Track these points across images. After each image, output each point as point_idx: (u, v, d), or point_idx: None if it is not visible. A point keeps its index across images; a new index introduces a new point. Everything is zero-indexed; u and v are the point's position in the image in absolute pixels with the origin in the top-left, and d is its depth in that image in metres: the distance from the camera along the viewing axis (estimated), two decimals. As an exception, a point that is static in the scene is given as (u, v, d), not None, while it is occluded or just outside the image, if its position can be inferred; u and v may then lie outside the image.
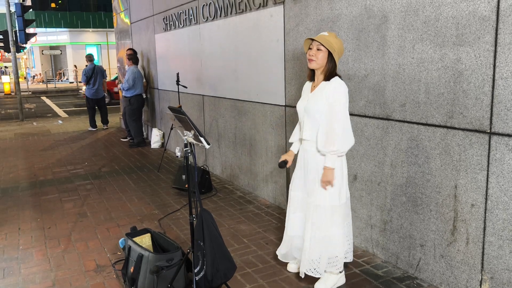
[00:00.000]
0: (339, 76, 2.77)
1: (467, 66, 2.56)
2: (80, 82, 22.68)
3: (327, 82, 2.75)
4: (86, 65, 10.06)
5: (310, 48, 2.78)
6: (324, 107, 2.71)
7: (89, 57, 10.07)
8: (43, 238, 3.96)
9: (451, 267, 2.81)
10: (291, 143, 3.10)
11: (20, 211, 4.75)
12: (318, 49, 2.72)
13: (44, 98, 21.33)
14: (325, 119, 2.72)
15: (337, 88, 2.70)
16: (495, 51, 2.41)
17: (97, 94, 10.01)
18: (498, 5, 2.37)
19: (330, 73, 2.75)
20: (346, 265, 3.15)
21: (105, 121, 10.52)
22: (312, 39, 2.77)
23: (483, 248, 2.61)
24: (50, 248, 3.74)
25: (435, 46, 2.74)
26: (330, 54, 2.72)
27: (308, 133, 2.81)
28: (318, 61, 2.73)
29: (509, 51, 2.35)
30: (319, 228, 2.82)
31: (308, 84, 2.96)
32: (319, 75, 2.81)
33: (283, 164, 2.99)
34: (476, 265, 2.66)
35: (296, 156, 3.06)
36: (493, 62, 2.43)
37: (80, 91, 10.40)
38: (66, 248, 3.74)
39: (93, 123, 10.38)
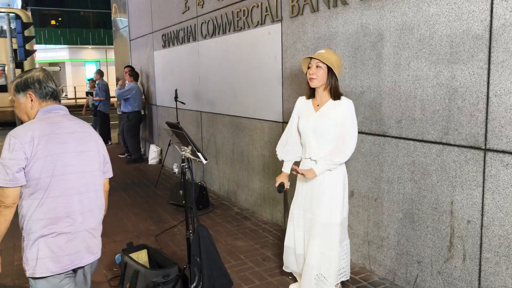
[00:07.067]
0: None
1: (462, 84, 2.60)
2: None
3: (337, 101, 2.72)
4: (95, 81, 10.05)
5: (309, 67, 2.75)
6: (334, 127, 2.68)
7: (101, 73, 10.07)
8: (39, 254, 3.93)
9: (449, 283, 2.80)
10: (282, 161, 3.01)
11: (14, 227, 4.70)
12: (317, 67, 2.68)
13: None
14: (334, 138, 2.70)
15: (349, 107, 2.70)
16: (489, 69, 2.46)
17: (108, 110, 10.07)
18: (491, 24, 2.42)
19: (336, 90, 2.72)
20: (343, 282, 3.13)
21: (108, 137, 10.52)
22: (311, 57, 2.74)
23: (479, 264, 2.61)
24: (46, 264, 3.70)
25: (430, 64, 2.78)
26: (330, 70, 2.69)
27: (315, 153, 2.75)
28: (319, 78, 2.69)
29: (503, 69, 2.39)
30: (326, 245, 2.76)
31: (305, 102, 2.89)
32: (321, 93, 2.76)
33: (281, 188, 2.93)
34: (473, 282, 2.65)
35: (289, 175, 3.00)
36: (487, 80, 2.47)
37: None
38: (62, 264, 3.71)
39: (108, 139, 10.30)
